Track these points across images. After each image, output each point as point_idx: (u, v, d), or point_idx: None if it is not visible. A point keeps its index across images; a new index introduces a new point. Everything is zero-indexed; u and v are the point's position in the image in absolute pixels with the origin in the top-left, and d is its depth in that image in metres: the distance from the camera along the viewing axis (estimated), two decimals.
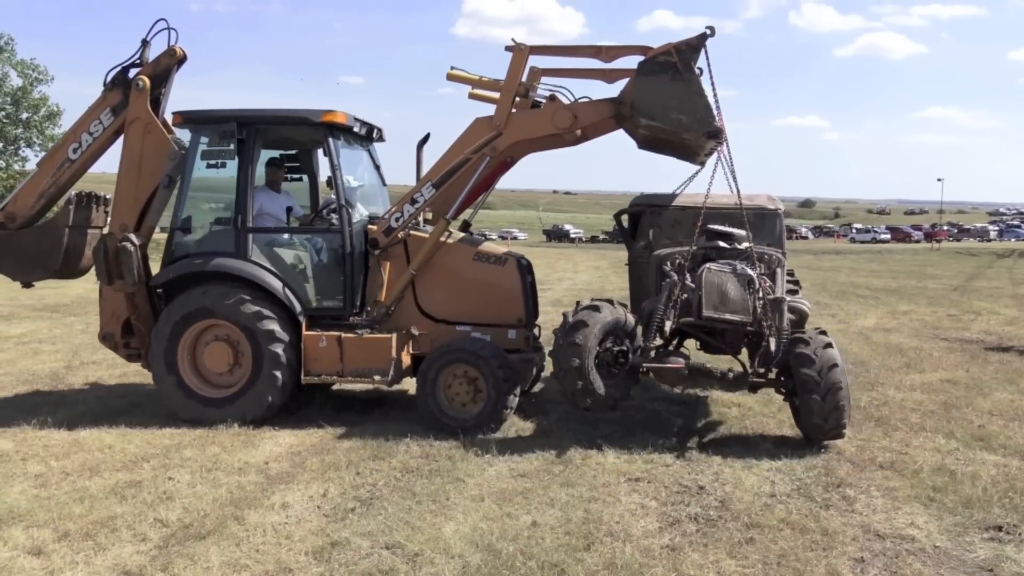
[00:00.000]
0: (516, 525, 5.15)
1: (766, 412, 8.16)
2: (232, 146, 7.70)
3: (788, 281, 9.24)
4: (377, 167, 9.19)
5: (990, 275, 30.80)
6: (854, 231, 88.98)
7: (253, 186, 7.89)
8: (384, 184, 9.30)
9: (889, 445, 7.04)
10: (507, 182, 9.17)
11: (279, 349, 7.59)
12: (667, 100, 7.10)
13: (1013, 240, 76.08)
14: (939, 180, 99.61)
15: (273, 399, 7.64)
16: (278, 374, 7.59)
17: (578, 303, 7.38)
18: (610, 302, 7.30)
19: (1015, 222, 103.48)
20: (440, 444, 7.00)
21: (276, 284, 7.76)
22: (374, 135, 8.89)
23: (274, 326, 7.61)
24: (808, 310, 7.65)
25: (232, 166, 7.83)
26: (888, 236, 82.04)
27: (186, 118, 7.99)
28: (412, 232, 8.02)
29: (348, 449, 6.87)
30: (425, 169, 8.23)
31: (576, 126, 7.61)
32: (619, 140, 8.14)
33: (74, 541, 4.90)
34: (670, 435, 7.29)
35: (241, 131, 7.71)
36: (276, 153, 8.86)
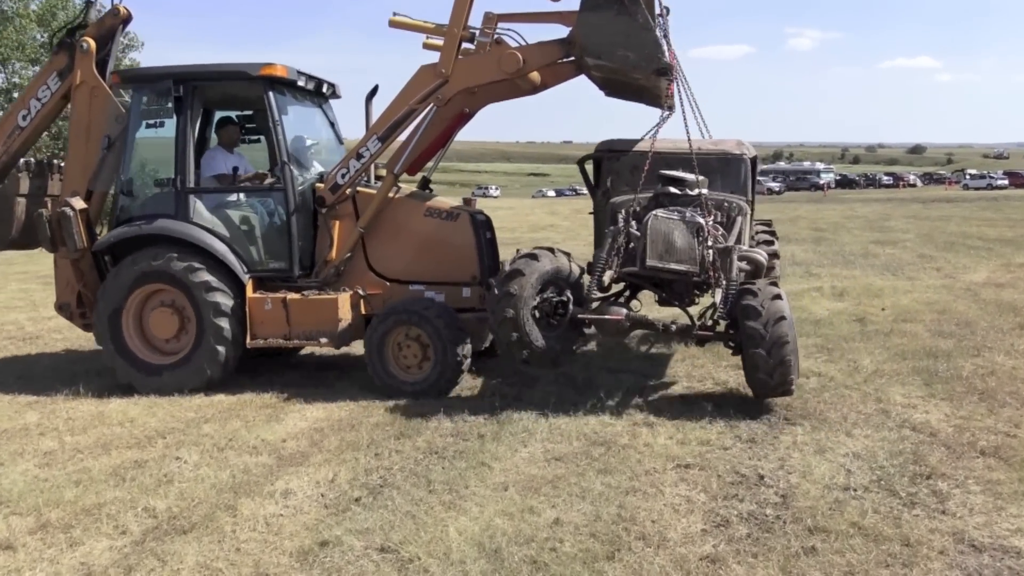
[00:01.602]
0: (536, 523, 4.46)
1: (849, 383, 7.17)
2: (170, 104, 7.43)
3: (764, 232, 8.61)
4: (332, 124, 8.81)
5: None
6: (967, 177, 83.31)
7: (192, 145, 7.61)
8: (341, 142, 8.84)
9: (994, 425, 5.98)
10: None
11: (222, 312, 7.33)
12: (613, 37, 6.57)
13: None
14: None
15: (217, 365, 7.40)
16: (222, 338, 7.35)
17: (517, 251, 6.95)
18: (551, 250, 6.93)
19: None
20: (474, 420, 6.38)
21: (218, 246, 7.47)
22: (325, 90, 8.46)
23: (215, 289, 7.34)
24: (764, 260, 7.09)
25: (173, 126, 7.56)
26: (1005, 181, 76.44)
27: (123, 78, 7.83)
28: (360, 189, 7.69)
29: (374, 426, 6.32)
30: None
31: (525, 70, 7.06)
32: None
33: (50, 533, 4.49)
34: (735, 409, 6.44)
35: (178, 88, 7.39)
36: (233, 114, 8.54)
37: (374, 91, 8.30)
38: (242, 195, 7.89)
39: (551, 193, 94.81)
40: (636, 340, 9.20)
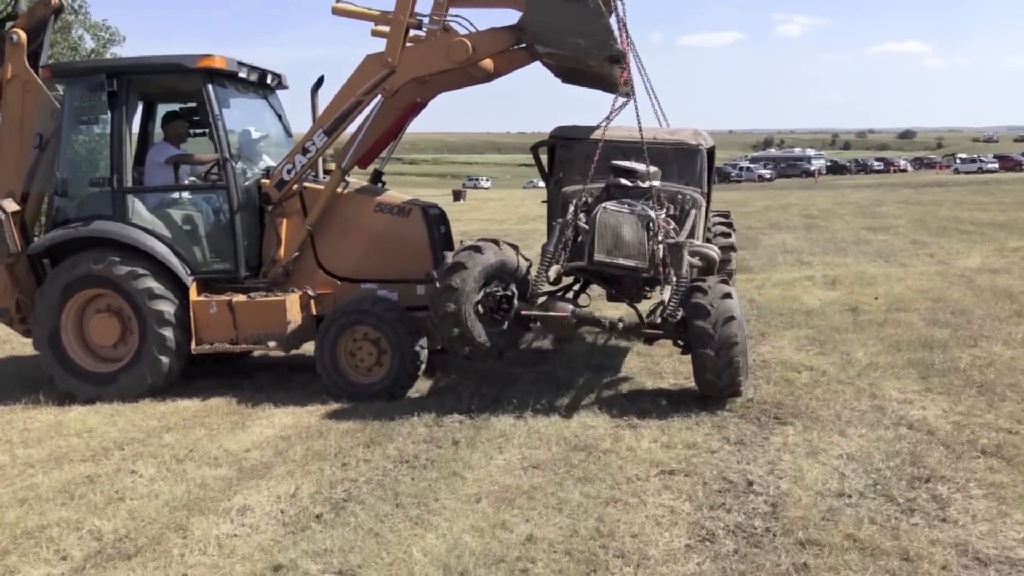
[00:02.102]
0: (508, 540, 4.14)
1: (842, 377, 6.88)
2: (104, 99, 7.07)
3: (721, 223, 8.32)
4: (280, 116, 8.46)
5: None
6: (958, 161, 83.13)
7: (128, 142, 7.26)
8: (290, 135, 8.48)
9: (995, 422, 5.69)
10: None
11: (164, 317, 7.03)
12: (563, 23, 6.30)
13: None
14: None
15: (160, 373, 7.11)
16: (164, 345, 7.04)
17: (460, 243, 6.64)
18: (496, 242, 6.58)
19: None
20: (450, 423, 6.08)
21: (159, 247, 7.13)
22: (269, 81, 8.10)
23: (157, 293, 7.03)
24: (716, 256, 6.85)
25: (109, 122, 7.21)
26: (996, 165, 76.27)
27: (54, 72, 7.49)
28: (308, 185, 7.38)
29: (343, 433, 6.00)
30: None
31: (475, 58, 6.74)
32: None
33: None
34: (723, 408, 6.14)
35: (111, 82, 7.05)
36: (175, 107, 8.16)
37: (320, 82, 8.00)
38: (184, 193, 7.54)
39: (542, 184, 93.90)
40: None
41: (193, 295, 7.17)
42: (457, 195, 48.36)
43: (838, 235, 19.22)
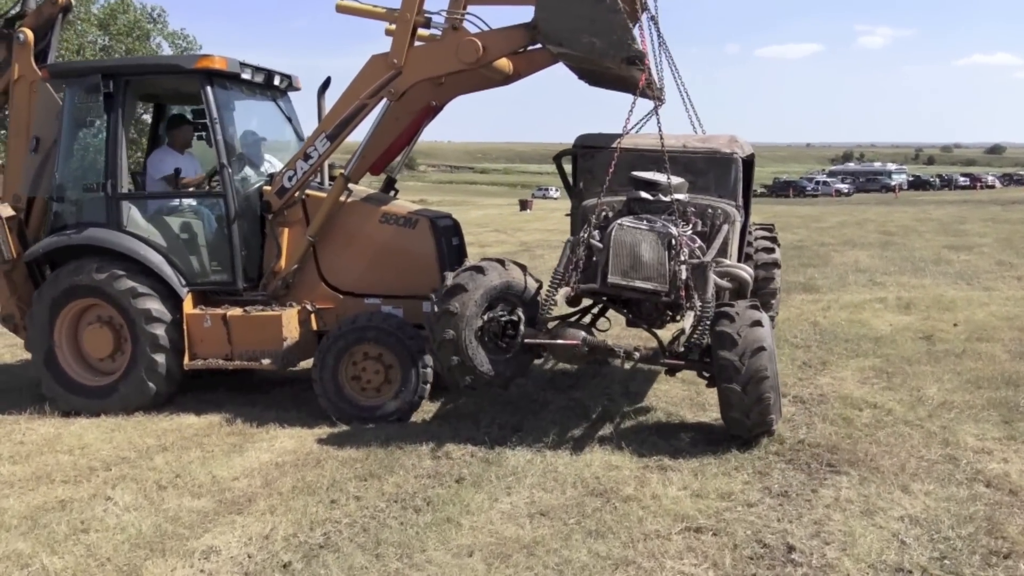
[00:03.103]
0: None
1: (910, 418, 6.05)
2: (100, 101, 6.72)
3: (764, 237, 7.56)
4: (290, 119, 7.96)
5: None
6: None
7: (123, 146, 6.88)
8: (302, 139, 7.89)
9: None
10: None
11: (157, 330, 6.63)
12: (576, 21, 5.81)
13: None
14: None
15: (152, 388, 6.72)
16: (157, 359, 6.66)
17: (464, 263, 6.06)
18: (501, 262, 6.01)
19: None
20: (460, 456, 5.52)
21: (153, 256, 6.76)
22: (278, 83, 7.59)
23: (150, 304, 6.64)
24: (750, 278, 6.15)
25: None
26: None
27: (52, 72, 7.12)
28: (311, 192, 6.88)
29: (342, 462, 5.48)
30: None
31: (486, 58, 6.21)
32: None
33: None
34: (767, 450, 5.40)
35: (108, 83, 6.69)
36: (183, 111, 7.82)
37: (326, 83, 7.51)
38: (181, 200, 7.15)
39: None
40: None
41: (187, 307, 6.78)
42: (524, 205, 47.95)
43: (916, 254, 17.99)
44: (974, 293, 12.20)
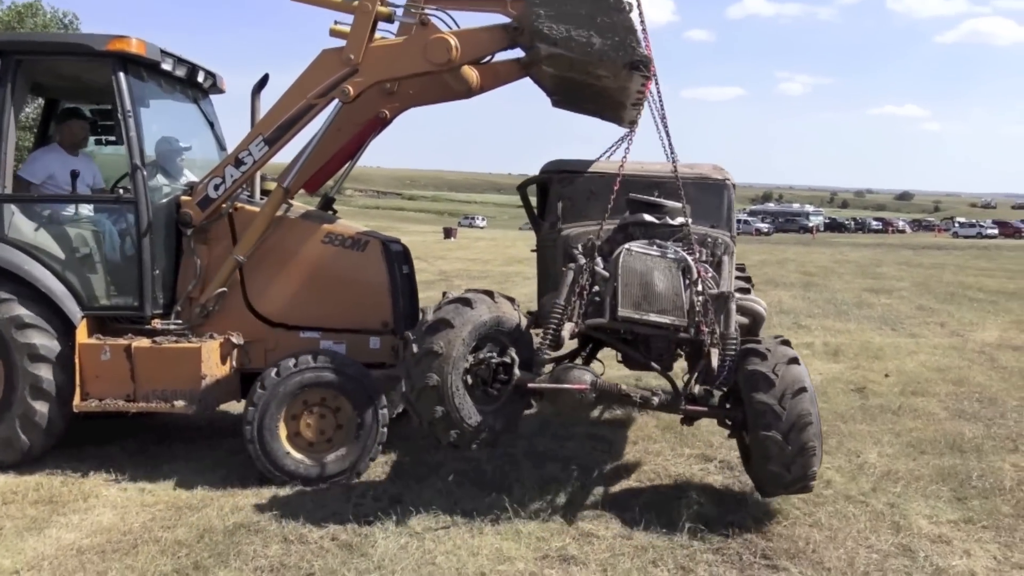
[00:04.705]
0: None
1: (852, 492, 5.25)
2: None
3: (739, 277, 6.99)
4: (212, 124, 6.90)
5: None
6: (957, 225, 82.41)
7: (9, 138, 5.67)
8: (223, 148, 6.93)
9: None
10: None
11: (39, 363, 5.47)
12: (574, 18, 5.10)
13: None
14: None
15: (25, 443, 5.51)
16: (36, 407, 5.48)
17: (444, 295, 5.12)
18: (489, 294, 5.14)
19: None
20: (318, 537, 4.46)
21: (37, 272, 5.59)
22: (200, 80, 6.52)
23: (32, 331, 5.48)
24: (764, 312, 5.79)
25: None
26: (996, 231, 75.57)
27: None
28: (239, 205, 5.92)
29: (166, 547, 4.33)
30: None
31: (458, 61, 5.40)
32: None
33: None
34: (691, 535, 4.50)
35: None
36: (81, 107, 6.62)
37: (263, 81, 6.45)
38: (78, 207, 5.99)
39: None
40: None
41: (81, 336, 5.61)
42: (448, 233, 47.14)
43: (838, 296, 17.74)
44: (900, 340, 11.78)
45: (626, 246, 5.18)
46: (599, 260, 5.17)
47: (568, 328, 4.97)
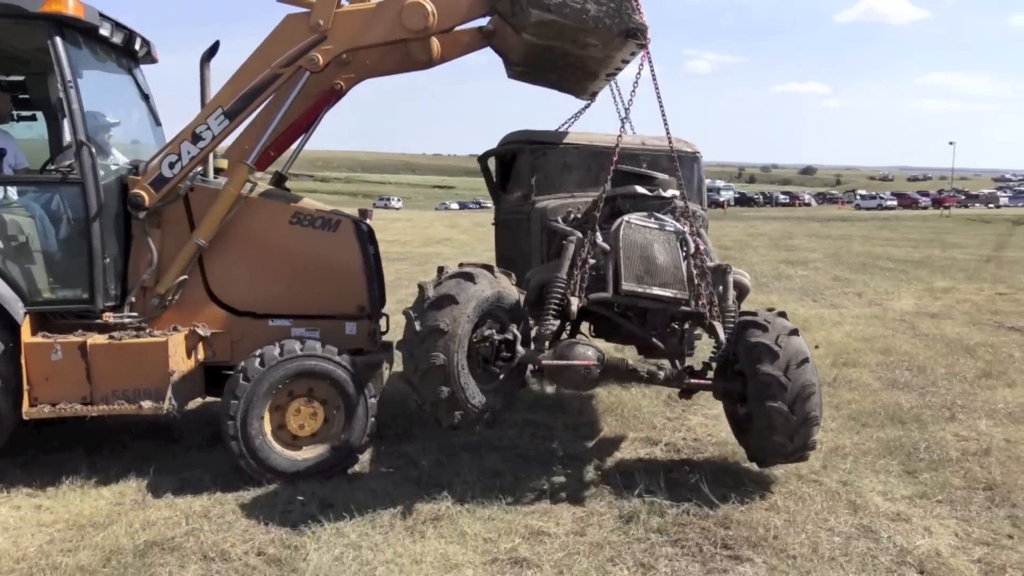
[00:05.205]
0: None
1: (804, 472, 5.10)
2: None
3: None
4: (147, 97, 6.28)
5: (1019, 244, 27.63)
6: (859, 197, 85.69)
7: None
8: (159, 123, 6.36)
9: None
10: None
11: None
12: None
13: (1023, 206, 72.98)
14: (951, 144, 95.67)
15: None
16: None
17: (441, 269, 4.88)
18: (489, 268, 4.95)
19: (1022, 187, 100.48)
20: (244, 552, 4.03)
21: None
22: (136, 48, 5.92)
23: None
24: (749, 285, 5.87)
25: None
26: (894, 203, 78.86)
27: None
28: (196, 185, 5.40)
29: (68, 574, 3.83)
30: (214, 93, 5.48)
31: (434, 28, 5.20)
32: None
33: None
34: (648, 527, 4.24)
35: None
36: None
37: (213, 49, 5.98)
38: (6, 189, 5.30)
39: (454, 206, 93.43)
40: None
41: (26, 335, 5.00)
42: (363, 214, 46.08)
43: (756, 268, 17.92)
44: (824, 311, 11.89)
45: (625, 218, 5.08)
46: (597, 234, 5.02)
47: (575, 303, 4.83)
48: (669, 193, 5.39)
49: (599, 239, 5.00)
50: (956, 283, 15.53)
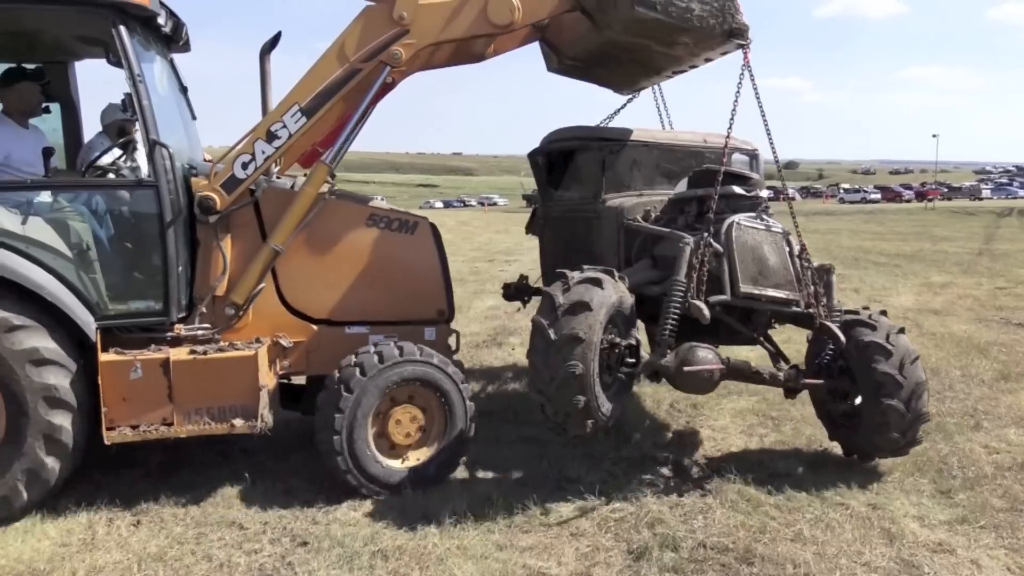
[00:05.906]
0: None
1: (827, 493, 4.63)
2: None
3: None
4: (184, 89, 5.75)
5: (1007, 236, 27.45)
6: (842, 191, 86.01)
7: None
8: (194, 117, 5.86)
9: None
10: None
11: (58, 409, 4.37)
12: None
13: (1007, 198, 73.39)
14: (934, 136, 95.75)
15: (31, 492, 4.39)
16: (53, 452, 4.40)
17: (563, 274, 4.66)
18: (609, 273, 4.78)
19: (1003, 180, 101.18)
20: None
21: (38, 276, 4.44)
22: (181, 35, 5.43)
23: (41, 354, 4.35)
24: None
25: None
26: (878, 196, 79.26)
27: None
28: (266, 186, 5.07)
29: None
30: (277, 89, 5.30)
31: (520, 23, 4.99)
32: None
33: None
34: (665, 562, 3.76)
35: None
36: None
37: (275, 40, 5.61)
38: (72, 194, 4.78)
39: (439, 204, 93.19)
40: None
41: (101, 353, 4.52)
42: None
43: None
44: None
45: (734, 219, 5.02)
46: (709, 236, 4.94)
47: (704, 308, 4.71)
48: (764, 193, 5.34)
49: (711, 241, 4.91)
50: (953, 277, 15.22)
